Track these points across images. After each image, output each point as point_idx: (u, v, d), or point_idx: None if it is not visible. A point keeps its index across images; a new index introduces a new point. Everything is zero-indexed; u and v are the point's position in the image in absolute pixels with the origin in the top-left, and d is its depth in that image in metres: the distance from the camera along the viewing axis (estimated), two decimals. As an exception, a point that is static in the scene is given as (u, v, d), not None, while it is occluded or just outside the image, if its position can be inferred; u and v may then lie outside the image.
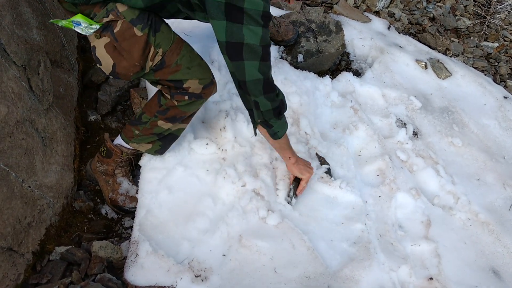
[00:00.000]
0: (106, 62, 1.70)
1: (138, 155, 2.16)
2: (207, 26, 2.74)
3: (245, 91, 1.73)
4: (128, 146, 2.03)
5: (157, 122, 1.92)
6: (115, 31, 1.64)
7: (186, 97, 1.84)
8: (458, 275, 2.07)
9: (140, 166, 2.11)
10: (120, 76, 1.75)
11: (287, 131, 1.97)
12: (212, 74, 1.89)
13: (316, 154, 2.32)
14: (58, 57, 2.17)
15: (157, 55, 1.72)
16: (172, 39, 1.76)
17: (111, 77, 1.75)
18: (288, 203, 2.14)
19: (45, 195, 1.87)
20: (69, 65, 2.30)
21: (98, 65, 1.74)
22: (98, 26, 1.63)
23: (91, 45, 1.70)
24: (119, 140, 2.06)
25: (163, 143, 2.02)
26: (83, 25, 1.62)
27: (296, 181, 2.14)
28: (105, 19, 1.63)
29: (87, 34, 1.66)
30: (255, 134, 1.99)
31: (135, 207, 2.00)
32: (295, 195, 2.15)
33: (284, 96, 1.84)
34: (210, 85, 1.87)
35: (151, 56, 1.72)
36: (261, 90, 1.70)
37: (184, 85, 1.81)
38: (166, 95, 1.86)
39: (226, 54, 1.63)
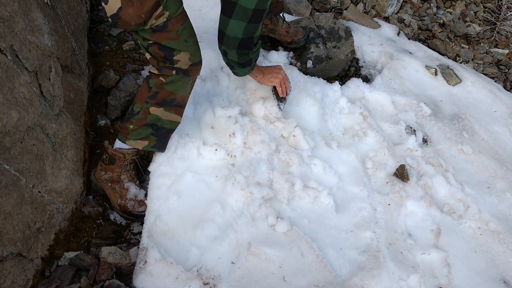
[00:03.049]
0: (113, 2, 1.68)
1: (142, 156, 2.16)
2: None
3: (220, 40, 1.87)
4: (127, 146, 2.03)
5: (149, 109, 1.94)
6: None
7: (174, 72, 1.88)
8: (468, 285, 2.04)
9: (149, 172, 2.10)
10: (119, 22, 1.73)
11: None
12: (201, 56, 1.95)
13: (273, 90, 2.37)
14: (69, 62, 2.18)
15: (162, 16, 1.73)
16: (181, 9, 1.80)
17: (109, 20, 1.75)
18: (280, 110, 2.36)
19: (55, 200, 1.87)
20: (80, 70, 2.31)
21: (103, 3, 1.71)
22: None
23: None
24: (118, 144, 2.05)
25: (158, 138, 2.02)
26: None
27: (274, 89, 2.32)
28: None
29: None
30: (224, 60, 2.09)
31: (145, 211, 2.00)
32: (280, 99, 2.35)
33: (257, 55, 2.02)
34: (198, 64, 1.93)
35: (156, 15, 1.72)
36: (236, 45, 1.85)
37: (174, 57, 1.85)
38: (153, 72, 1.91)
39: (221, 7, 1.76)
